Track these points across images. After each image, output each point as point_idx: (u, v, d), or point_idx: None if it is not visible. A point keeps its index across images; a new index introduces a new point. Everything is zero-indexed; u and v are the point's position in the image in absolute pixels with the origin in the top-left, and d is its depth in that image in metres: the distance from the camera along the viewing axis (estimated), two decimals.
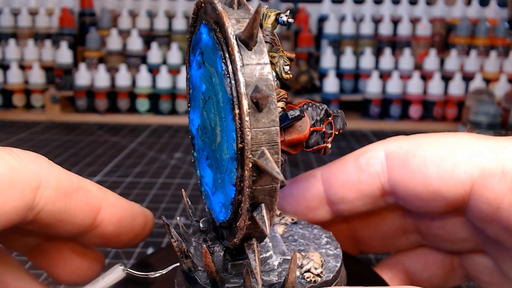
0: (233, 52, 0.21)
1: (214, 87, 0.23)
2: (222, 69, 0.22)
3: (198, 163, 0.28)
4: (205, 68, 0.25)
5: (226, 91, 0.22)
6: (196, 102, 0.27)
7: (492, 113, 0.82)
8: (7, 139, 0.85)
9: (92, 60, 1.06)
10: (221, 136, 0.23)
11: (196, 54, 0.26)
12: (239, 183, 0.22)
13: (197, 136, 0.28)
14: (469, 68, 1.04)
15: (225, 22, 0.21)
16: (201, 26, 0.24)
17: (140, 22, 1.12)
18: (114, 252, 0.44)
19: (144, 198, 0.57)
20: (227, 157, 0.23)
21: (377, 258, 0.44)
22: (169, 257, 0.31)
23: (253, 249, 0.23)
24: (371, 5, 1.17)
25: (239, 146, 0.21)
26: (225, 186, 0.24)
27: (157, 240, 0.47)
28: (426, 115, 1.04)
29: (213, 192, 0.26)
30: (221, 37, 0.22)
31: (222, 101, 0.23)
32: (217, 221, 0.26)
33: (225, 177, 0.23)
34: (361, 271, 0.38)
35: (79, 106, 1.04)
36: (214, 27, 0.23)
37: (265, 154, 0.21)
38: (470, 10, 1.16)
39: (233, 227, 0.24)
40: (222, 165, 0.24)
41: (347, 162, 0.26)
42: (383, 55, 1.09)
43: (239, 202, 0.22)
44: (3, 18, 1.10)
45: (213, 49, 0.23)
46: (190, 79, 0.28)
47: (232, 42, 0.21)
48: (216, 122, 0.24)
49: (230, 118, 0.22)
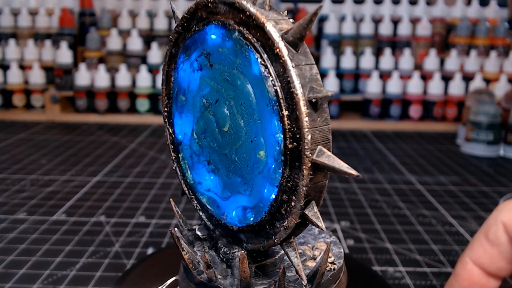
0: (282, 54, 0.21)
1: (237, 89, 0.23)
2: (259, 71, 0.22)
3: (191, 169, 0.28)
4: (213, 70, 0.24)
5: (266, 93, 0.22)
6: (189, 106, 0.27)
7: (492, 113, 0.82)
8: (7, 139, 0.85)
9: (92, 60, 1.06)
10: (249, 138, 0.23)
11: (192, 56, 0.26)
12: (285, 183, 0.22)
13: (190, 141, 0.28)
14: (469, 68, 1.04)
15: (266, 23, 0.21)
16: (208, 27, 0.24)
17: (140, 22, 1.12)
18: (114, 252, 0.44)
19: (144, 198, 0.57)
20: (262, 158, 0.23)
21: (377, 258, 0.44)
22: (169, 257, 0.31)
23: (293, 247, 0.24)
24: (371, 5, 1.17)
25: (290, 147, 0.21)
26: (254, 188, 0.24)
27: (157, 240, 0.47)
28: (426, 115, 1.04)
29: (226, 197, 0.26)
30: (254, 38, 0.22)
31: (257, 103, 0.22)
32: (232, 225, 0.25)
33: (257, 179, 0.23)
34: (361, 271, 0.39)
35: (79, 106, 1.04)
36: (239, 28, 0.22)
37: (325, 152, 0.21)
38: (470, 10, 1.16)
39: (266, 228, 0.24)
40: (246, 168, 0.24)
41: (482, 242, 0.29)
42: (383, 55, 1.09)
43: (282, 202, 0.22)
44: (3, 18, 1.10)
45: (235, 51, 0.23)
46: (176, 81, 0.27)
47: (280, 44, 0.21)
48: (239, 125, 0.24)
49: (272, 120, 0.22)
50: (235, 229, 0.25)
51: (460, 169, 0.75)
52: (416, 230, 0.51)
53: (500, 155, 0.84)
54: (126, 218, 0.51)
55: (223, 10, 0.23)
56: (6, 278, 0.39)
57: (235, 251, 0.26)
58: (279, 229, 0.23)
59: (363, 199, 0.60)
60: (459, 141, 0.92)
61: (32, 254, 0.43)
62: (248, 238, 0.25)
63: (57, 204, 0.55)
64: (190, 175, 0.28)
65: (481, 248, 0.28)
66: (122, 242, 0.46)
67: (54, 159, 0.73)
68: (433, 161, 0.79)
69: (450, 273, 0.30)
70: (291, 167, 0.22)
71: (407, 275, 0.41)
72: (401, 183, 0.67)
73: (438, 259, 0.44)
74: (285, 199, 0.22)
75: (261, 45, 0.22)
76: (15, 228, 0.49)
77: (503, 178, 0.71)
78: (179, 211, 0.29)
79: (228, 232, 0.27)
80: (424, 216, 0.55)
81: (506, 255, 0.28)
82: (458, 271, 0.29)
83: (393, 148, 0.87)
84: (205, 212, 0.28)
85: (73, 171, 0.67)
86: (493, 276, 0.29)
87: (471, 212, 0.56)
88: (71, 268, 0.41)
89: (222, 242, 0.27)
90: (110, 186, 0.61)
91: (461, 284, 0.29)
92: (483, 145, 0.83)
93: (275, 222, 0.23)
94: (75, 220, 0.51)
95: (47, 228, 0.49)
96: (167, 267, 0.37)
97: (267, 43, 0.21)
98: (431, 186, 0.66)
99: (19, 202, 0.56)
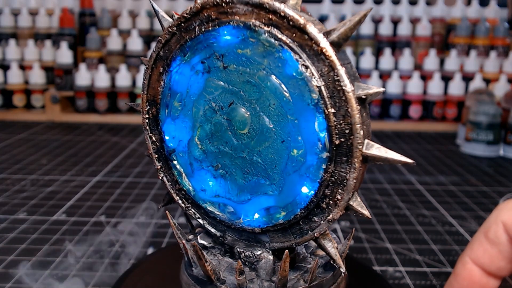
0: (329, 54, 0.21)
1: (265, 90, 0.23)
2: (297, 71, 0.22)
3: (189, 177, 0.27)
4: (228, 72, 0.24)
5: (307, 93, 0.22)
6: (187, 110, 0.26)
7: (492, 113, 0.82)
8: (7, 139, 0.85)
9: (92, 60, 1.06)
10: (279, 139, 0.23)
11: (194, 58, 0.25)
12: (328, 178, 0.23)
13: (187, 147, 0.27)
14: (469, 68, 1.04)
15: (308, 25, 0.22)
16: (221, 28, 0.23)
17: (140, 22, 1.12)
18: (114, 252, 0.44)
19: (144, 198, 0.57)
20: (298, 157, 0.23)
21: (377, 258, 0.44)
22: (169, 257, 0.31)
23: (329, 239, 0.25)
24: (371, 5, 1.17)
25: (337, 143, 0.22)
26: (286, 187, 0.24)
27: (157, 240, 0.47)
28: (426, 115, 1.04)
29: (244, 200, 0.25)
30: (289, 39, 0.22)
31: (293, 103, 0.22)
32: (252, 228, 0.25)
33: (291, 178, 0.24)
34: (361, 271, 0.39)
35: (79, 106, 1.04)
36: (268, 29, 0.22)
37: (374, 145, 0.22)
38: (470, 10, 1.16)
39: (300, 224, 0.24)
40: (274, 168, 0.24)
41: (482, 242, 0.29)
42: (383, 55, 1.09)
43: (324, 196, 0.23)
44: (3, 18, 1.10)
45: (263, 52, 0.23)
46: (167, 86, 0.26)
47: (326, 44, 0.21)
48: (265, 126, 0.23)
49: (314, 118, 0.22)
50: (257, 231, 0.25)
51: (460, 169, 0.75)
52: (416, 230, 0.51)
53: (500, 155, 0.84)
54: (126, 218, 0.51)
55: (242, 11, 0.23)
56: (6, 278, 0.39)
57: (259, 253, 0.26)
58: (318, 223, 0.24)
59: (363, 199, 0.60)
60: (459, 141, 0.92)
61: (32, 254, 0.43)
62: (272, 238, 0.25)
63: (57, 204, 0.55)
64: (187, 183, 0.27)
65: (481, 248, 0.28)
66: (122, 242, 0.46)
67: (54, 159, 0.73)
68: (433, 161, 0.79)
69: (450, 273, 0.30)
70: (336, 162, 0.22)
71: (407, 275, 0.41)
72: (401, 183, 0.67)
73: (438, 259, 0.44)
74: (328, 193, 0.23)
75: (298, 45, 0.22)
76: (15, 228, 0.49)
77: (503, 178, 0.71)
78: (176, 223, 0.28)
79: (244, 235, 0.26)
80: (424, 216, 0.55)
81: (506, 255, 0.28)
82: (457, 270, 0.29)
83: (393, 148, 0.87)
84: (208, 219, 0.27)
85: (73, 171, 0.67)
86: (493, 276, 0.29)
87: (471, 212, 0.56)
88: (71, 268, 0.41)
89: (240, 247, 0.27)
90: (110, 186, 0.61)
91: (460, 284, 0.29)
92: (483, 145, 0.83)
93: (313, 217, 0.24)
94: (75, 220, 0.51)
95: (47, 228, 0.49)
96: (167, 267, 0.37)
97: (306, 44, 0.22)
98: (431, 186, 0.66)
99: (19, 202, 0.56)
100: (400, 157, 0.22)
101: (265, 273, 0.26)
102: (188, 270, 0.27)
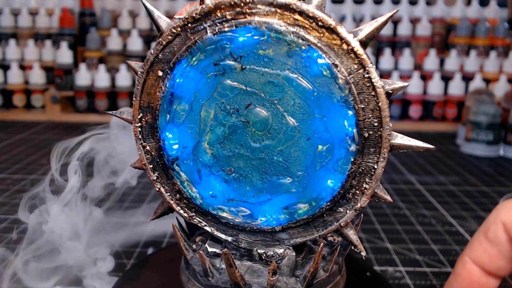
0: (360, 52, 0.23)
1: (289, 90, 0.24)
2: (327, 69, 0.23)
3: (195, 184, 0.26)
4: (246, 73, 0.24)
5: (337, 90, 0.23)
6: (193, 115, 0.25)
7: (492, 113, 0.82)
8: (7, 139, 0.85)
9: (92, 60, 1.06)
10: (304, 136, 0.24)
11: (205, 60, 0.24)
12: (356, 169, 0.24)
13: (193, 154, 0.26)
14: (469, 68, 1.04)
15: (337, 26, 0.22)
16: (240, 28, 0.23)
17: (140, 22, 1.12)
18: (114, 251, 0.44)
19: (144, 198, 0.57)
20: (324, 153, 0.24)
21: (377, 258, 0.44)
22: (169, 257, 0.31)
23: (351, 227, 0.26)
24: (371, 5, 1.17)
25: (366, 136, 0.23)
26: (311, 183, 0.25)
27: (157, 240, 0.47)
28: (426, 115, 1.04)
29: (264, 201, 0.25)
30: (316, 39, 0.23)
31: (321, 101, 0.23)
32: (271, 227, 0.26)
33: (317, 173, 0.24)
34: (361, 271, 0.39)
35: (79, 106, 1.04)
36: (294, 30, 0.23)
37: (398, 135, 0.24)
38: (470, 10, 1.16)
39: (323, 217, 0.25)
40: (298, 166, 0.24)
41: (482, 241, 0.29)
42: (383, 55, 1.09)
43: (351, 187, 0.24)
44: (3, 18, 1.10)
45: (288, 52, 0.23)
46: (168, 91, 0.25)
47: (356, 43, 0.23)
48: (288, 125, 0.24)
49: (343, 114, 0.23)
50: (277, 229, 0.26)
51: (460, 169, 0.75)
52: (416, 230, 0.51)
53: (500, 155, 0.84)
54: (126, 218, 0.51)
55: (263, 11, 0.23)
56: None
57: (281, 251, 0.26)
58: (343, 213, 0.25)
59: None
60: (459, 141, 0.92)
61: None
62: (292, 234, 0.26)
63: None
64: (193, 191, 0.26)
65: (480, 247, 0.28)
66: (122, 242, 0.46)
67: None
68: (433, 161, 0.79)
69: (450, 273, 0.30)
70: (364, 154, 0.24)
71: (407, 275, 0.41)
72: (401, 183, 0.67)
73: (438, 259, 0.44)
74: (354, 183, 0.24)
75: (325, 45, 0.23)
76: (15, 228, 0.49)
77: (503, 178, 0.71)
78: (183, 235, 0.27)
79: (259, 235, 0.27)
80: (424, 216, 0.55)
81: (505, 254, 0.28)
82: (457, 270, 0.29)
83: None
84: (216, 225, 0.27)
85: None
86: (493, 275, 0.29)
87: (471, 212, 0.56)
88: (71, 268, 0.41)
89: (259, 248, 0.27)
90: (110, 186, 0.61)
91: (460, 284, 0.29)
92: (483, 145, 0.83)
93: (338, 208, 0.25)
94: None
95: None
96: (167, 267, 0.37)
97: (334, 43, 0.23)
98: (431, 186, 0.66)
99: (19, 202, 0.56)
100: (422, 144, 0.24)
101: (289, 270, 0.26)
102: (203, 281, 0.26)
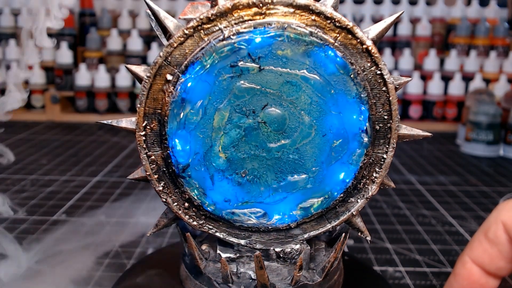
0: (375, 51, 0.24)
1: (307, 88, 0.24)
2: (343, 68, 0.24)
3: (208, 190, 0.25)
4: (263, 74, 0.24)
5: (353, 87, 0.24)
6: (206, 119, 0.24)
7: (492, 113, 0.82)
8: (7, 139, 0.85)
9: (92, 60, 1.06)
10: (320, 133, 0.25)
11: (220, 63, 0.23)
12: (367, 160, 0.25)
13: (205, 160, 0.25)
14: (469, 68, 1.04)
15: (354, 26, 0.24)
16: (259, 29, 0.23)
17: (140, 22, 1.12)
18: (114, 251, 0.44)
19: (144, 198, 0.57)
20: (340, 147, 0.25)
21: (377, 258, 0.44)
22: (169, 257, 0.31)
23: (358, 214, 0.27)
24: (371, 5, 1.17)
25: (377, 128, 0.25)
26: (327, 178, 0.26)
27: (157, 240, 0.47)
28: (426, 115, 1.04)
29: (279, 200, 0.26)
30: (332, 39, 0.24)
31: (337, 98, 0.25)
32: (286, 224, 0.26)
33: (332, 167, 0.26)
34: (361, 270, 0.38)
35: (79, 106, 1.04)
36: (312, 30, 0.24)
37: (402, 125, 0.26)
38: (470, 10, 1.16)
39: (336, 208, 0.27)
40: (313, 162, 0.25)
41: (482, 241, 0.29)
42: (383, 55, 1.08)
43: (362, 177, 0.26)
44: (3, 18, 1.10)
45: (306, 51, 0.24)
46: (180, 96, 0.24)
47: (370, 43, 0.24)
48: (304, 123, 0.25)
49: (357, 110, 0.25)
50: (292, 226, 0.27)
51: (460, 169, 0.75)
52: (416, 230, 0.51)
53: (500, 155, 0.84)
54: (126, 218, 0.51)
55: (282, 12, 0.23)
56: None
57: (298, 247, 0.27)
58: (354, 202, 0.26)
59: None
60: (459, 141, 0.92)
61: None
62: (306, 229, 0.27)
63: (57, 204, 0.55)
64: (205, 197, 0.26)
65: (480, 247, 0.28)
66: (122, 242, 0.46)
67: (54, 159, 0.73)
68: (433, 161, 0.79)
69: (450, 273, 0.30)
70: (374, 145, 0.25)
71: (407, 275, 0.41)
72: (401, 183, 0.67)
73: (438, 259, 0.44)
74: (365, 173, 0.26)
75: (341, 44, 0.24)
76: (15, 228, 0.49)
77: (503, 178, 0.71)
78: (198, 246, 0.27)
79: (272, 234, 0.27)
80: (424, 216, 0.55)
81: (505, 255, 0.28)
82: (457, 270, 0.30)
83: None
84: (228, 230, 0.27)
85: (73, 171, 0.67)
86: (493, 275, 0.29)
87: (471, 212, 0.56)
88: (71, 268, 0.41)
89: (275, 246, 0.27)
90: (110, 186, 0.61)
91: (460, 284, 0.29)
92: (483, 145, 0.83)
93: (349, 199, 0.26)
94: (75, 220, 0.51)
95: (47, 228, 0.49)
96: (167, 267, 0.37)
97: (350, 43, 0.24)
98: (431, 186, 0.66)
99: (19, 202, 0.56)
100: (421, 132, 0.26)
101: (305, 264, 0.27)
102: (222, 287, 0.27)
